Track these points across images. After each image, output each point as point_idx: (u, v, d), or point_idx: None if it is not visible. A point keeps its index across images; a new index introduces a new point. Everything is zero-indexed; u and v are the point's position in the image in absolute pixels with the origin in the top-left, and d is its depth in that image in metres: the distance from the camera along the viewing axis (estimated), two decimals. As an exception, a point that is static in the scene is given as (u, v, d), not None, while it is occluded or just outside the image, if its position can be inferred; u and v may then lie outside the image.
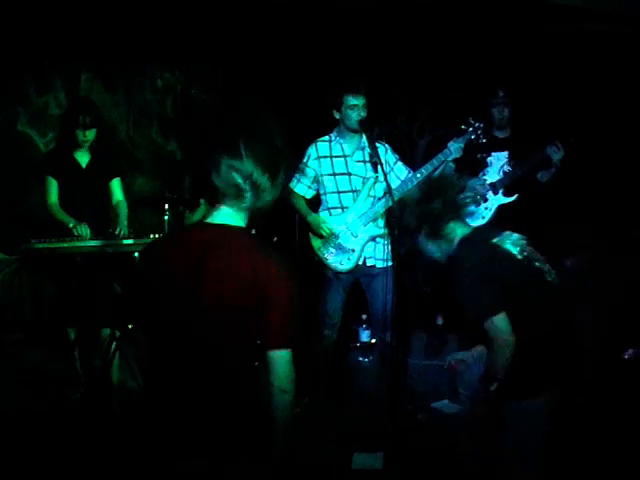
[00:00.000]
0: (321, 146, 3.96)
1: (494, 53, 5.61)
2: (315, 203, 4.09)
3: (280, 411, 2.03)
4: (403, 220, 2.75)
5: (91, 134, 4.12)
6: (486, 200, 4.45)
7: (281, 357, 2.00)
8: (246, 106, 2.06)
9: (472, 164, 4.43)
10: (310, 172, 3.96)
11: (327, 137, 3.99)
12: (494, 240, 2.56)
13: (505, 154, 4.51)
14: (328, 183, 3.94)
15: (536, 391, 2.47)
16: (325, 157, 3.94)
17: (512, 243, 2.56)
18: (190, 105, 6.07)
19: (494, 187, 4.45)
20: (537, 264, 2.55)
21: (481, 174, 4.51)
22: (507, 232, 2.63)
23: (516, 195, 4.44)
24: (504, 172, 4.47)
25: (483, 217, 4.45)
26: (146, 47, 5.42)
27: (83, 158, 4.23)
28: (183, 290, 1.93)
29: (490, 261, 2.47)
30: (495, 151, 4.50)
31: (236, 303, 1.92)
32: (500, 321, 2.39)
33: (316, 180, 3.98)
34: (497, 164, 4.50)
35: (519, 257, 2.52)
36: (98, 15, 4.80)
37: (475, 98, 4.77)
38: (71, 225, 4.01)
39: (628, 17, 5.01)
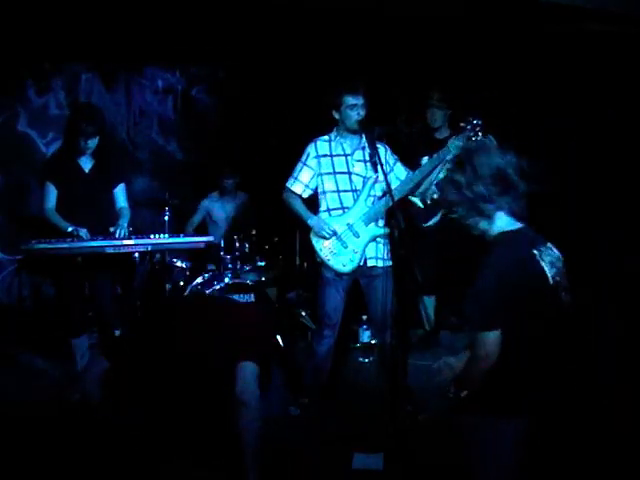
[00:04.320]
0: (321, 145, 3.95)
1: (493, 54, 5.61)
2: (311, 203, 4.03)
3: (243, 425, 2.03)
4: (444, 193, 2.46)
5: (93, 142, 4.12)
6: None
7: (246, 368, 2.04)
8: None
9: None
10: (309, 171, 3.94)
11: (327, 136, 3.97)
12: (534, 250, 2.36)
13: None
14: (328, 182, 3.92)
15: (507, 414, 2.35)
16: (325, 156, 3.92)
17: (550, 262, 2.37)
18: (190, 106, 6.08)
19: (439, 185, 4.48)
20: (563, 294, 2.38)
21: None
22: (549, 244, 2.43)
23: None
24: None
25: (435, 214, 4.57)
26: (147, 48, 5.43)
27: (86, 164, 4.23)
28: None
29: (520, 269, 2.30)
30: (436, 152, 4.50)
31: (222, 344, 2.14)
32: (492, 339, 2.27)
33: (314, 179, 3.94)
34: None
35: (550, 282, 2.35)
36: (98, 16, 4.80)
37: (475, 98, 4.78)
38: (69, 230, 4.02)
39: (629, 17, 5.01)
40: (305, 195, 3.95)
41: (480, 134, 3.90)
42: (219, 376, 2.07)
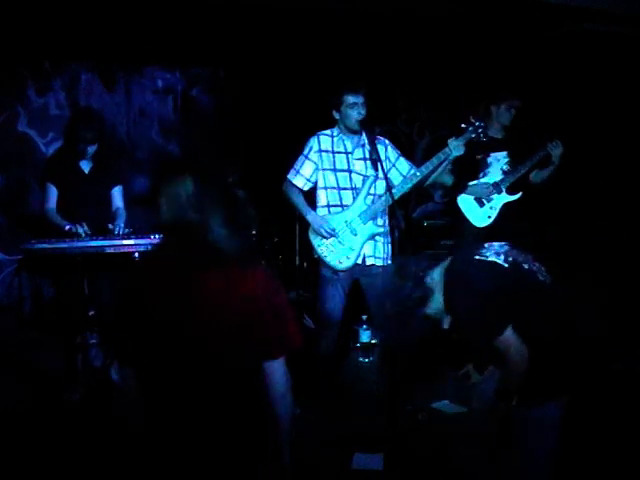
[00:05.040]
0: (323, 139, 3.93)
1: (494, 54, 5.61)
2: (308, 197, 4.02)
3: (282, 414, 2.04)
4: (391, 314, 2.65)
5: (92, 149, 4.16)
6: (490, 200, 4.49)
7: (278, 366, 2.01)
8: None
9: (471, 164, 4.45)
10: (311, 164, 3.93)
11: (329, 131, 3.94)
12: (476, 257, 2.50)
13: (504, 154, 4.54)
14: (328, 178, 3.91)
15: (545, 397, 2.40)
16: (327, 151, 3.91)
17: (495, 253, 2.49)
18: (190, 106, 6.08)
19: (497, 187, 4.49)
20: (525, 266, 2.48)
21: (481, 174, 4.53)
22: (487, 244, 2.57)
23: (520, 193, 4.50)
24: (504, 172, 4.51)
25: (489, 217, 4.48)
26: (147, 48, 5.43)
27: (86, 165, 4.26)
28: (175, 312, 1.94)
29: (478, 278, 2.41)
30: (493, 151, 4.52)
31: (228, 319, 1.93)
32: (511, 336, 2.32)
33: (315, 173, 3.93)
34: (497, 165, 4.53)
35: (505, 265, 2.45)
36: (98, 15, 4.80)
37: (474, 99, 4.77)
38: (67, 228, 4.02)
39: (628, 17, 5.01)
40: (306, 188, 3.94)
41: (482, 135, 3.91)
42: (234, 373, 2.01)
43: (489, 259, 2.47)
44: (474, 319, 2.39)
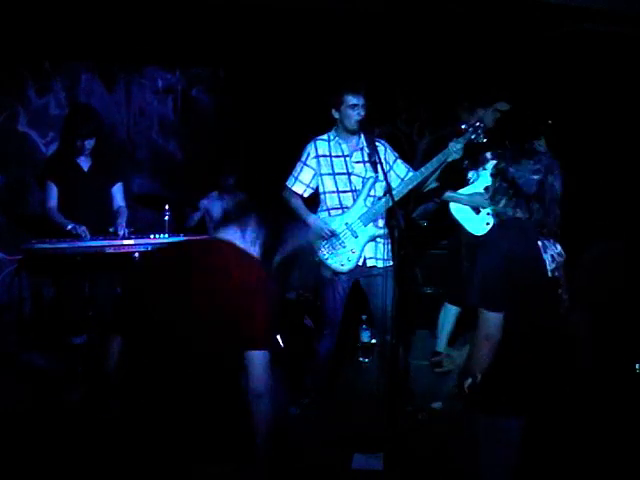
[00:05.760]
0: (320, 144, 3.94)
1: (494, 54, 5.61)
2: (310, 202, 4.04)
3: (258, 417, 2.07)
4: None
5: (90, 144, 4.16)
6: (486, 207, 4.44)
7: (258, 357, 2.07)
8: None
9: (459, 169, 4.40)
10: (309, 171, 3.94)
11: (326, 136, 3.96)
12: (539, 241, 2.40)
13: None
14: (327, 182, 3.92)
15: (509, 411, 2.38)
16: (325, 156, 3.92)
17: (551, 255, 2.41)
18: (190, 106, 6.08)
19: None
20: (560, 290, 2.41)
21: (471, 179, 4.44)
22: (552, 240, 2.46)
23: None
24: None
25: (487, 223, 4.31)
26: (147, 48, 5.43)
27: (85, 163, 4.26)
28: (173, 302, 2.08)
29: (522, 258, 2.33)
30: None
31: (221, 310, 2.05)
32: (494, 320, 2.29)
33: (315, 179, 3.95)
34: (488, 167, 4.47)
35: (549, 275, 2.38)
36: (98, 16, 4.81)
37: (474, 99, 4.77)
38: (69, 227, 4.03)
39: (628, 17, 5.02)
40: (306, 195, 3.96)
41: (481, 136, 3.90)
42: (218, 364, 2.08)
43: (545, 256, 2.38)
44: (482, 277, 2.33)
